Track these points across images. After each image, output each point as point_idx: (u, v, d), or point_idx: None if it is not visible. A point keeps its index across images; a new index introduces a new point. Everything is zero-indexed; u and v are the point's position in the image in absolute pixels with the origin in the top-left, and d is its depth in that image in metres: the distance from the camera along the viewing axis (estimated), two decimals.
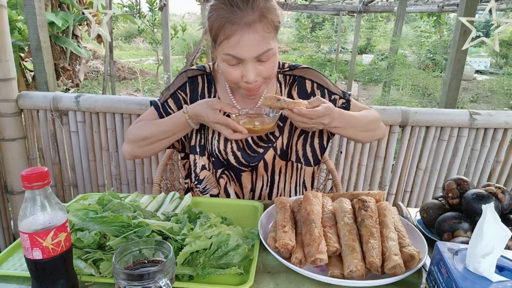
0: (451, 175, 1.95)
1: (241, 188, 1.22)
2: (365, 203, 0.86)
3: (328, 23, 15.69)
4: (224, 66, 1.00)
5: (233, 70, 0.98)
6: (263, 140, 1.17)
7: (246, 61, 0.96)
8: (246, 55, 0.95)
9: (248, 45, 0.93)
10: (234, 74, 0.99)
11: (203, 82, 1.18)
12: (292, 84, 1.18)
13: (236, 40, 0.93)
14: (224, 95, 1.17)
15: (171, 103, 1.17)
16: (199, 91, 1.17)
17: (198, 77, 1.18)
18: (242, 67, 0.97)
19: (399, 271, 0.72)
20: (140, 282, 0.60)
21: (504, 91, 8.55)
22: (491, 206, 0.64)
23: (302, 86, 1.18)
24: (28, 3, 1.99)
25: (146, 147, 1.13)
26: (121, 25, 12.57)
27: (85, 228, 0.76)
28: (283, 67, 1.20)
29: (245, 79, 0.98)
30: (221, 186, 1.21)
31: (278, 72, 1.19)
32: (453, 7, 8.23)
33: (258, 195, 1.23)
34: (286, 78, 1.19)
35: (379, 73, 11.21)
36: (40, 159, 2.04)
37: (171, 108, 1.17)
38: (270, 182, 1.22)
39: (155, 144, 1.12)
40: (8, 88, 1.84)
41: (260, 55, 0.95)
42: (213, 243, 0.75)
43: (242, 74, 0.98)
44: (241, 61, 0.96)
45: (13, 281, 0.73)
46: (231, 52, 0.95)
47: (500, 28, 2.15)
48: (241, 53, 0.94)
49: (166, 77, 6.13)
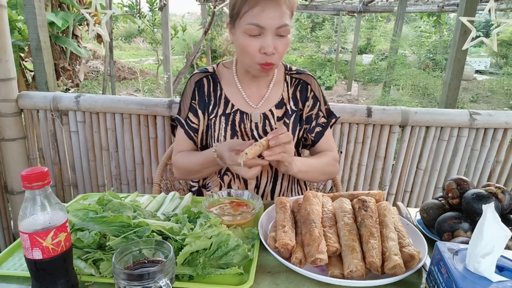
0: (451, 175, 1.95)
1: (245, 185, 1.23)
2: (365, 203, 0.86)
3: (328, 23, 15.69)
4: (244, 38, 1.05)
5: (253, 42, 1.04)
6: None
7: (267, 31, 1.02)
8: (268, 24, 1.01)
9: (271, 15, 1.01)
10: (252, 46, 1.04)
11: (208, 83, 1.23)
12: (297, 86, 1.26)
13: (260, 9, 1.01)
14: (231, 88, 1.22)
15: (192, 117, 1.23)
16: (205, 91, 1.23)
17: (203, 79, 1.23)
18: (261, 39, 1.04)
19: (399, 271, 0.72)
20: (140, 282, 0.60)
21: (504, 91, 8.56)
22: (491, 206, 0.64)
23: (304, 90, 1.25)
24: (28, 3, 1.98)
25: (191, 176, 1.24)
26: (121, 25, 12.56)
27: (85, 228, 0.76)
28: (291, 70, 1.28)
29: (263, 50, 1.04)
30: (225, 183, 1.23)
31: (285, 73, 1.26)
32: (453, 7, 8.24)
33: (261, 192, 1.24)
34: (292, 80, 1.26)
35: (379, 73, 11.22)
36: (40, 159, 2.04)
37: (193, 123, 1.24)
38: (273, 179, 1.24)
39: (196, 174, 1.22)
40: (8, 88, 1.84)
41: (280, 27, 1.02)
42: (213, 243, 0.75)
43: (261, 46, 1.04)
44: (262, 31, 1.03)
45: (13, 281, 0.73)
46: (254, 21, 1.01)
47: (499, 28, 2.15)
48: (264, 21, 1.01)
49: (166, 77, 6.12)
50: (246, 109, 1.20)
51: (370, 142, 1.89)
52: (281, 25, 1.02)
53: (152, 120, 1.89)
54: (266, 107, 1.21)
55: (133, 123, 1.91)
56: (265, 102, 1.21)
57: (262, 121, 1.20)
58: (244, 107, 1.20)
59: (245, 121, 1.20)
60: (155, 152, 1.95)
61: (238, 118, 1.19)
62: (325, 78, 10.69)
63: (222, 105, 1.21)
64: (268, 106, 1.21)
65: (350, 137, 1.89)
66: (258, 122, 1.20)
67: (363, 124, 1.85)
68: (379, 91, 9.03)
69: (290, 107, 1.23)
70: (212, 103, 1.22)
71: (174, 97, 4.48)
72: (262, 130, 1.20)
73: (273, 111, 1.21)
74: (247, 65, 1.12)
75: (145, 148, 1.95)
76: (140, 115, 1.89)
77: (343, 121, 1.85)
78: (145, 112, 1.85)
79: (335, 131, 1.87)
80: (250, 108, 1.20)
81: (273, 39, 1.04)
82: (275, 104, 1.22)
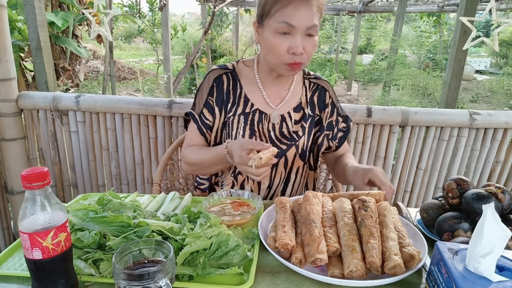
0: (451, 175, 1.95)
1: (258, 185, 1.23)
2: (365, 203, 0.86)
3: (328, 23, 15.68)
4: (274, 37, 1.05)
5: (282, 41, 1.04)
6: (286, 138, 1.20)
7: (297, 30, 1.03)
8: (299, 24, 1.02)
9: (302, 15, 1.02)
10: (282, 46, 1.04)
11: (228, 80, 1.22)
12: (315, 91, 1.27)
13: (292, 9, 1.01)
14: (251, 87, 1.21)
15: (206, 113, 1.22)
16: (225, 89, 1.21)
17: (222, 76, 1.22)
18: (290, 38, 1.04)
19: (399, 271, 0.72)
20: (140, 282, 0.60)
21: (504, 91, 8.56)
22: (491, 206, 0.64)
23: (322, 95, 1.27)
24: (28, 3, 1.98)
25: (199, 171, 1.24)
26: (121, 25, 12.57)
27: (85, 228, 0.76)
28: (309, 74, 1.29)
29: (292, 50, 1.04)
30: (238, 182, 1.23)
31: (304, 78, 1.27)
32: (453, 7, 8.24)
33: (272, 192, 1.25)
34: (311, 85, 1.27)
35: (379, 73, 11.22)
36: (40, 159, 2.04)
37: (207, 119, 1.22)
38: (286, 180, 1.24)
39: (205, 170, 1.21)
40: (8, 88, 1.84)
41: (310, 27, 1.03)
42: (213, 243, 0.75)
43: (290, 45, 1.04)
44: (292, 31, 1.03)
45: (13, 281, 0.73)
46: (286, 19, 1.02)
47: (500, 28, 2.15)
48: (296, 21, 1.02)
49: (166, 77, 6.12)
50: (265, 109, 1.20)
51: (370, 142, 1.89)
52: (311, 25, 1.03)
53: (152, 120, 1.89)
54: (285, 109, 1.21)
55: (133, 123, 1.91)
56: (284, 104, 1.21)
57: (280, 123, 1.20)
58: (264, 107, 1.20)
59: (264, 121, 1.19)
60: (155, 152, 1.95)
61: (257, 118, 1.19)
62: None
63: (242, 104, 1.20)
64: (287, 109, 1.21)
65: (350, 137, 1.89)
66: (276, 124, 1.20)
67: (363, 124, 1.85)
68: (379, 91, 9.04)
69: (308, 112, 1.23)
70: (231, 101, 1.20)
71: (174, 97, 4.47)
72: (279, 132, 1.20)
73: (291, 113, 1.21)
74: (274, 65, 1.11)
75: (145, 148, 1.95)
76: (140, 115, 1.89)
77: None
78: (145, 112, 1.85)
79: None
80: (270, 109, 1.20)
81: (302, 39, 1.04)
82: (294, 107, 1.22)
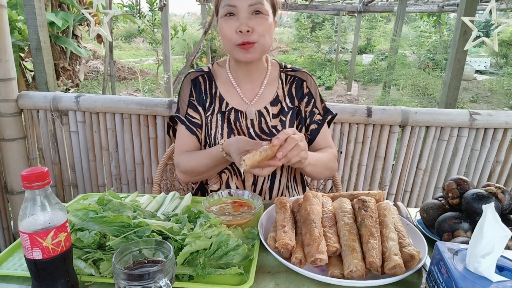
0: (451, 175, 1.95)
1: (243, 182, 1.23)
2: (365, 203, 0.86)
3: (328, 23, 15.68)
4: (221, 23, 1.08)
5: (228, 24, 1.07)
6: (265, 133, 1.21)
7: (240, 9, 1.05)
8: (240, 2, 1.04)
9: None
10: (228, 27, 1.07)
11: (204, 81, 1.25)
12: (292, 83, 1.27)
13: None
14: (226, 87, 1.23)
15: (192, 112, 1.23)
16: (202, 89, 1.24)
17: (198, 77, 1.25)
18: (236, 19, 1.06)
19: (399, 271, 0.72)
20: (140, 282, 0.60)
21: (504, 91, 8.56)
22: (491, 206, 0.64)
23: (300, 86, 1.26)
24: (28, 3, 1.98)
25: (196, 177, 1.22)
26: (121, 25, 12.56)
27: (85, 228, 0.76)
28: (286, 68, 1.29)
29: (238, 29, 1.05)
30: (223, 180, 1.23)
31: (280, 71, 1.28)
32: (453, 7, 8.23)
33: (259, 190, 1.24)
34: (288, 77, 1.27)
35: (379, 73, 11.22)
36: (40, 159, 2.04)
37: (195, 118, 1.23)
38: (271, 176, 1.24)
39: (203, 175, 1.20)
40: (8, 88, 1.84)
41: (253, 4, 1.05)
42: (213, 243, 0.75)
43: (236, 26, 1.05)
44: (235, 11, 1.06)
45: (13, 281, 0.73)
46: (228, 1, 1.05)
47: (500, 28, 2.15)
48: (236, 1, 1.04)
49: (166, 77, 6.12)
50: (240, 107, 1.21)
51: (370, 142, 1.89)
52: (254, 2, 1.04)
53: (152, 120, 1.89)
54: (261, 104, 1.21)
55: (133, 123, 1.91)
56: (259, 99, 1.22)
57: (258, 119, 1.20)
58: (239, 105, 1.21)
59: (240, 119, 1.20)
60: (155, 152, 1.96)
61: (233, 116, 1.20)
62: (325, 78, 10.68)
63: (217, 103, 1.22)
64: (263, 104, 1.22)
65: (350, 137, 1.89)
66: (253, 120, 1.20)
67: (363, 124, 1.85)
68: (379, 91, 9.03)
69: (286, 104, 1.23)
70: (208, 101, 1.23)
71: (174, 97, 4.47)
72: (258, 127, 1.21)
73: (268, 108, 1.21)
74: (229, 50, 1.13)
75: (145, 148, 1.95)
76: (140, 115, 1.89)
77: (343, 121, 1.85)
78: (145, 112, 1.85)
79: (335, 131, 1.87)
80: (245, 105, 1.21)
81: (248, 18, 1.05)
82: (270, 101, 1.22)
